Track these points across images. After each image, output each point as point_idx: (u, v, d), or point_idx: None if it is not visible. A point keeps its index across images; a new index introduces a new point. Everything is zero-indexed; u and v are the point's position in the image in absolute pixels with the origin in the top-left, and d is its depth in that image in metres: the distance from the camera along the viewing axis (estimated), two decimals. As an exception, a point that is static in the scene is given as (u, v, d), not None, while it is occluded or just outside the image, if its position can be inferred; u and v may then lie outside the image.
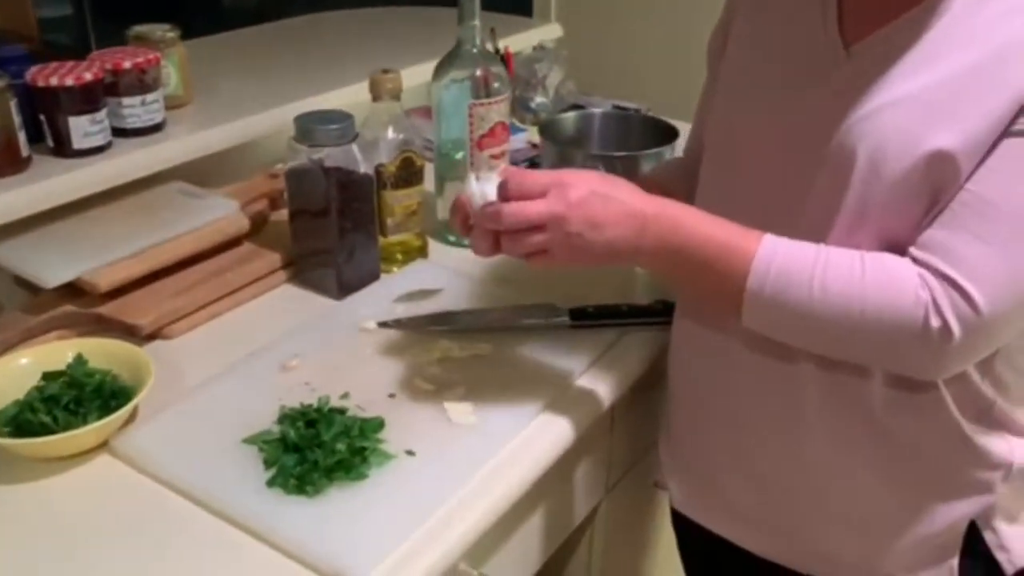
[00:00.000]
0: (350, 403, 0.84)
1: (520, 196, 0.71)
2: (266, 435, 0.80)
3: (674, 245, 0.72)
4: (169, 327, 0.98)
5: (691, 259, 0.72)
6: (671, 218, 0.72)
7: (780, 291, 0.69)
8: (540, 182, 0.72)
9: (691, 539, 1.01)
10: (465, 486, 0.76)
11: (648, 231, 0.72)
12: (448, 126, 1.14)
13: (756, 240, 0.71)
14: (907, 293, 0.67)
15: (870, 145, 0.69)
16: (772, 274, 0.69)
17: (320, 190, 1.00)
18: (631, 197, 0.73)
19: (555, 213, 0.70)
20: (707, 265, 0.72)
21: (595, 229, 0.71)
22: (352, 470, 0.75)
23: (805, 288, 0.69)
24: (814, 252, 0.70)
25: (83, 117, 1.04)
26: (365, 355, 0.92)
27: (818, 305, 0.69)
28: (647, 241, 0.72)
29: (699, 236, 0.72)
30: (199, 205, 1.10)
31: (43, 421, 0.79)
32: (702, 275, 0.73)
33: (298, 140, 1.01)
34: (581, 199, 0.70)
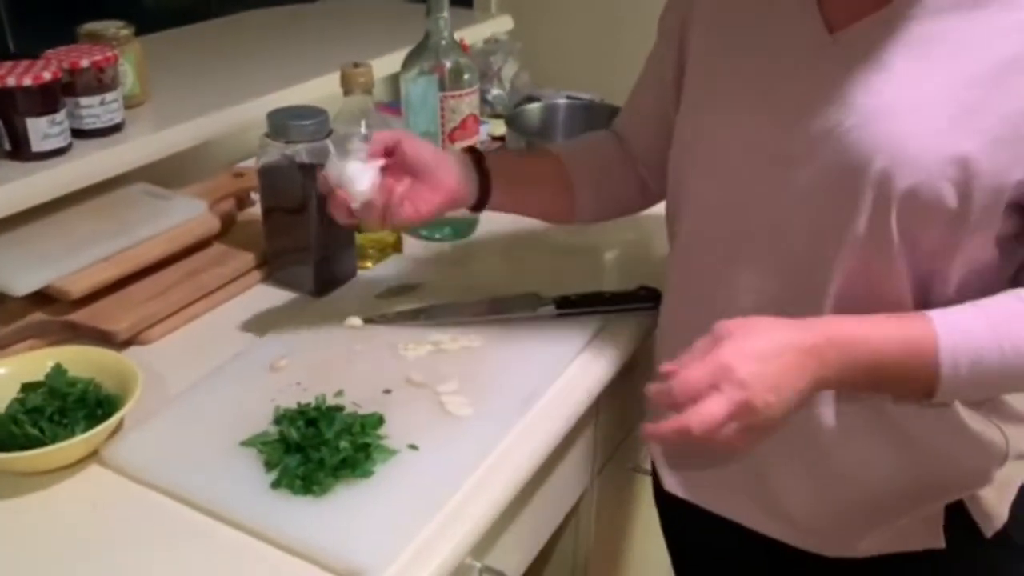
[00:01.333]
0: (345, 400, 0.83)
1: (690, 397, 0.66)
2: (264, 436, 0.78)
3: (858, 364, 0.69)
4: (146, 332, 0.95)
5: (876, 370, 0.69)
6: (841, 338, 0.69)
7: (975, 366, 0.68)
8: (704, 376, 0.66)
9: (678, 520, 1.02)
10: (471, 478, 0.77)
11: (827, 362, 0.68)
12: (416, 120, 1.14)
13: (927, 325, 0.69)
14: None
15: (885, 152, 0.69)
16: (961, 356, 0.68)
17: (295, 187, 0.99)
18: (792, 336, 0.69)
19: (738, 405, 0.65)
20: (894, 369, 0.69)
21: (779, 391, 0.66)
22: (358, 467, 0.74)
23: (997, 354, 0.68)
24: (983, 314, 0.69)
25: (42, 119, 1.00)
26: (354, 352, 0.91)
27: (1013, 361, 0.69)
28: (830, 371, 0.68)
29: (875, 344, 0.69)
30: (166, 206, 1.07)
31: (30, 433, 0.76)
32: (890, 380, 0.71)
33: (271, 136, 0.99)
34: (754, 374, 0.65)
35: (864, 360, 0.69)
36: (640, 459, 1.22)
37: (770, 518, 0.87)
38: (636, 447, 1.20)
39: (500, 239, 1.20)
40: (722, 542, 0.94)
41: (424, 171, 0.86)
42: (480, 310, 0.97)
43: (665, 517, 1.05)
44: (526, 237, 1.20)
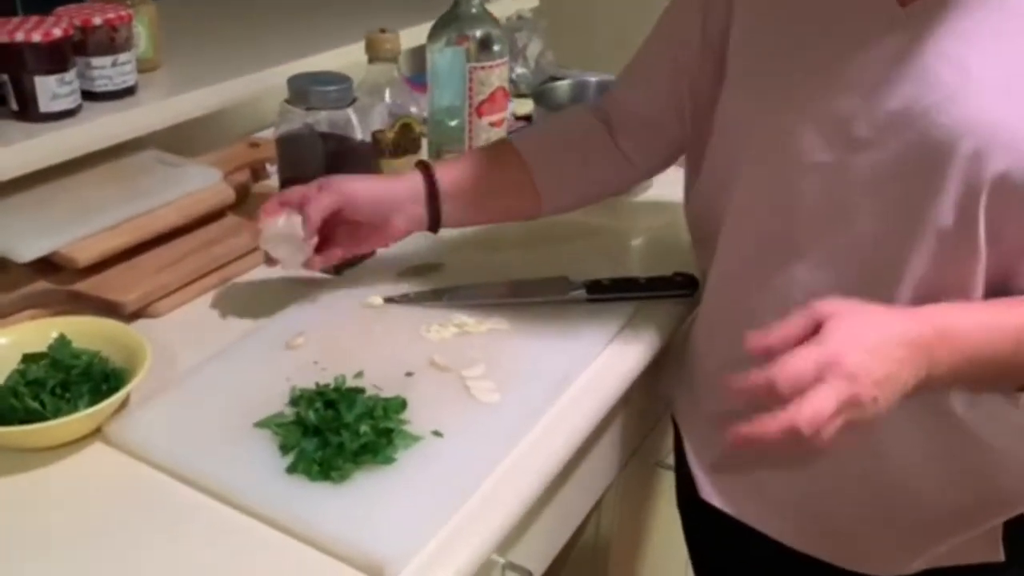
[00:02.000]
0: (365, 382, 0.78)
1: (797, 389, 0.59)
2: (279, 418, 0.74)
3: (969, 359, 0.64)
4: (155, 304, 0.90)
5: (987, 364, 0.65)
6: (951, 332, 0.64)
7: None
8: (810, 367, 0.60)
9: (704, 527, 0.97)
10: (498, 468, 0.72)
11: (937, 360, 0.63)
12: (442, 93, 1.09)
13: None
14: None
15: (975, 132, 0.64)
16: None
17: (315, 157, 0.94)
18: (903, 328, 0.63)
19: (846, 401, 0.59)
20: (1006, 359, 0.65)
21: (885, 387, 0.61)
22: (379, 453, 0.70)
23: None
24: None
25: (51, 77, 0.95)
26: (374, 332, 0.87)
27: None
28: (938, 369, 0.63)
29: (986, 336, 0.64)
30: (179, 174, 1.02)
31: (30, 407, 0.71)
32: (1001, 373, 0.66)
33: (292, 102, 0.94)
34: (863, 367, 0.60)
35: (975, 354, 0.64)
36: (663, 455, 1.17)
37: (815, 535, 0.81)
38: (661, 441, 1.15)
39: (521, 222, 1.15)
40: (752, 555, 0.88)
41: (367, 225, 0.88)
42: (507, 292, 0.92)
43: (689, 521, 1.00)
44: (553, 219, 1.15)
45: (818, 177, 0.71)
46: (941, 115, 0.65)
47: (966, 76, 0.65)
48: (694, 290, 0.93)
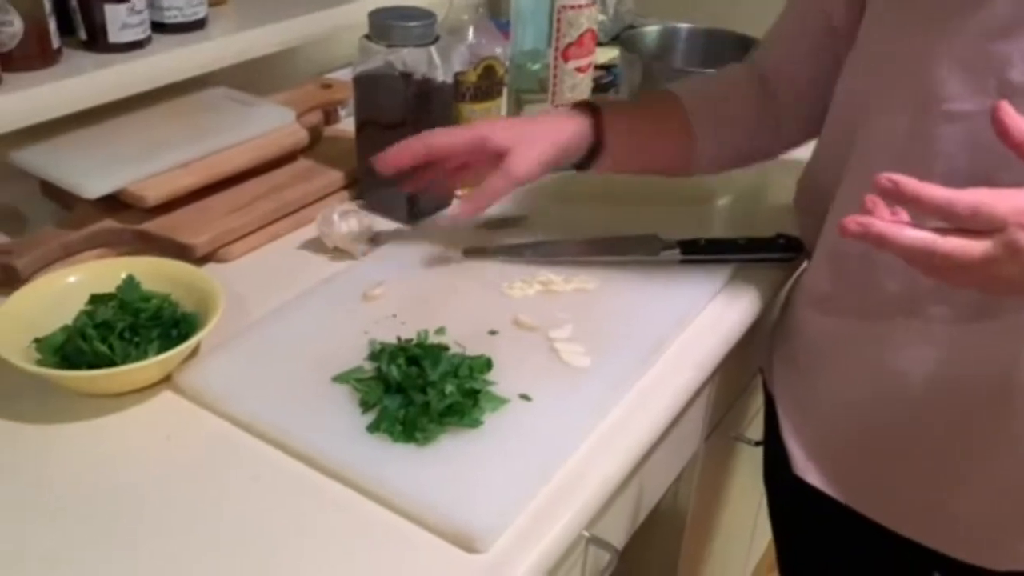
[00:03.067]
0: (448, 339, 0.73)
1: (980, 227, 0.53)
2: (359, 372, 0.69)
3: None
4: (225, 248, 0.86)
5: None
6: None
7: None
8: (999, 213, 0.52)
9: (789, 501, 0.91)
10: (589, 438, 0.67)
11: None
12: (525, 33, 1.02)
13: None
14: None
15: None
16: None
17: (397, 98, 0.88)
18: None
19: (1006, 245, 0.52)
20: None
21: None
22: (466, 415, 0.65)
23: None
24: None
25: (121, 6, 0.90)
26: (455, 286, 0.81)
27: None
28: None
29: None
30: (251, 113, 0.97)
31: (99, 350, 0.68)
32: None
33: (372, 39, 0.88)
34: None
35: None
36: (743, 428, 1.11)
37: (927, 522, 0.75)
38: (742, 414, 1.09)
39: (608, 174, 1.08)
40: (845, 541, 0.82)
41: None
42: (595, 250, 0.86)
43: (777, 499, 0.95)
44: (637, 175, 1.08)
45: (962, 128, 0.64)
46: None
47: None
48: (798, 253, 0.86)
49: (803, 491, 0.82)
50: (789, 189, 0.89)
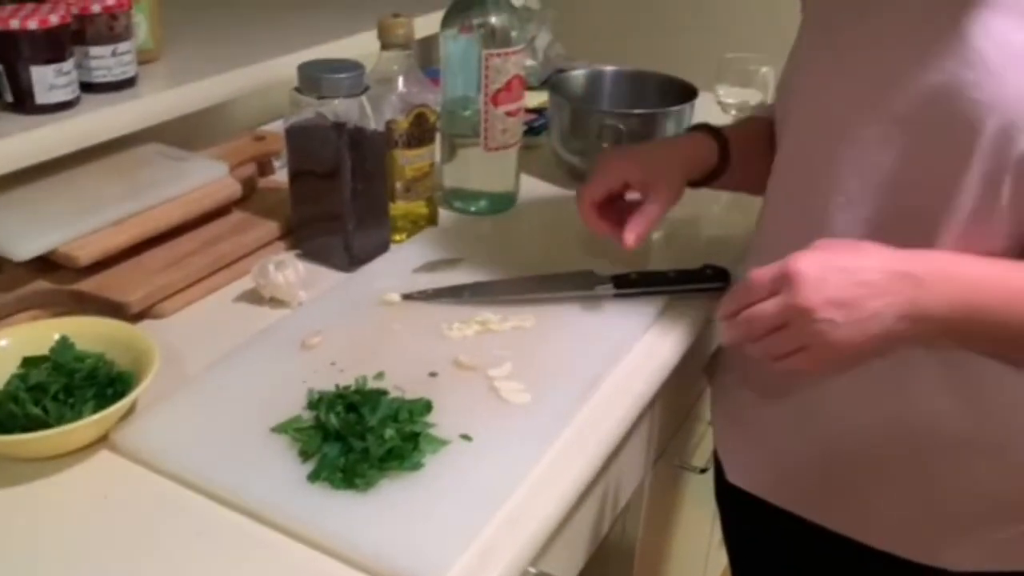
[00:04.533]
0: (387, 384, 0.74)
1: (749, 300, 0.63)
2: (297, 422, 0.69)
3: (971, 305, 0.60)
4: (160, 304, 0.86)
5: (994, 313, 0.61)
6: (952, 271, 0.61)
7: None
8: (765, 278, 0.62)
9: (740, 519, 0.94)
10: (532, 472, 0.67)
11: (928, 293, 0.60)
12: (455, 81, 1.05)
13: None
14: None
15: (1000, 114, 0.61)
16: None
17: (329, 148, 0.89)
18: (886, 257, 0.62)
19: (790, 306, 0.60)
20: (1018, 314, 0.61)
21: (848, 309, 0.60)
22: (406, 459, 0.65)
23: None
24: None
25: (48, 67, 0.90)
26: (394, 330, 0.82)
27: None
28: (932, 304, 0.60)
29: (991, 280, 0.61)
30: (183, 168, 0.97)
31: (32, 413, 0.67)
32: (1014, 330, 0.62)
33: (302, 91, 0.90)
34: (817, 279, 0.60)
35: (974, 303, 0.60)
36: (687, 456, 1.13)
37: (836, 507, 0.79)
38: (687, 442, 1.11)
39: (541, 214, 1.11)
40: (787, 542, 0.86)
41: None
42: (531, 288, 0.88)
43: (725, 515, 0.98)
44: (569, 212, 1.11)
45: (858, 150, 0.69)
46: (975, 92, 0.62)
47: (1007, 53, 0.62)
48: (726, 283, 0.89)
49: (741, 504, 0.85)
50: (719, 219, 0.92)
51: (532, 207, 1.11)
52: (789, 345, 0.62)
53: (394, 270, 0.93)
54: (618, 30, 2.02)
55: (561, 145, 1.16)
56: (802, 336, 0.61)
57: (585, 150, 1.13)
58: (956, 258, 0.63)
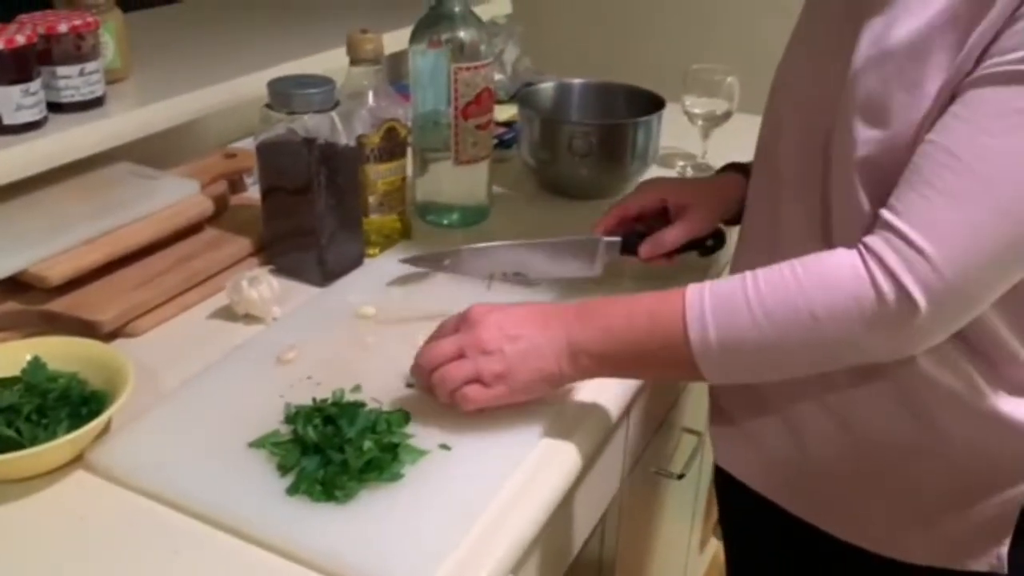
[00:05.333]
0: (364, 396, 0.74)
1: (434, 341, 0.73)
2: (275, 437, 0.69)
3: (602, 327, 0.69)
4: (133, 323, 0.86)
5: (625, 336, 0.68)
6: (590, 308, 0.70)
7: (723, 329, 0.65)
8: (448, 323, 0.73)
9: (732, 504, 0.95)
10: (511, 480, 0.68)
11: (571, 323, 0.70)
12: (425, 96, 1.05)
13: (679, 292, 0.67)
14: (844, 269, 0.62)
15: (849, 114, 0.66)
16: (708, 315, 0.65)
17: (301, 164, 0.90)
18: (536, 304, 0.74)
19: (465, 338, 0.70)
20: (644, 335, 0.68)
21: (513, 340, 0.69)
22: (385, 470, 0.65)
23: (746, 315, 0.64)
24: (740, 277, 0.66)
25: (15, 88, 0.90)
26: (369, 343, 0.82)
27: (767, 328, 0.63)
28: (576, 332, 0.69)
29: (620, 308, 0.69)
30: (154, 186, 0.97)
31: (5, 435, 0.66)
32: (643, 350, 0.68)
33: (273, 107, 0.90)
34: (485, 315, 0.70)
35: (605, 325, 0.68)
36: (664, 462, 1.14)
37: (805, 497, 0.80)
38: (663, 448, 1.12)
39: (514, 225, 1.12)
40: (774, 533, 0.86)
41: None
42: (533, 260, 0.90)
43: (721, 501, 0.98)
44: (541, 222, 1.12)
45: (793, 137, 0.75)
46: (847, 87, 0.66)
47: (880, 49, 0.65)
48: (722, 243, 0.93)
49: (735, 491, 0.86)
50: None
51: (504, 219, 1.12)
52: (461, 375, 0.69)
53: (368, 284, 0.93)
54: (584, 43, 2.05)
55: (531, 157, 1.17)
56: (475, 365, 0.69)
57: (555, 161, 1.14)
58: (597, 301, 0.72)
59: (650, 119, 1.13)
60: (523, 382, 0.69)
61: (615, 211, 0.92)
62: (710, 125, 1.24)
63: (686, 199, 0.90)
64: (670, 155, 1.30)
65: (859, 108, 0.65)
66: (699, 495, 1.39)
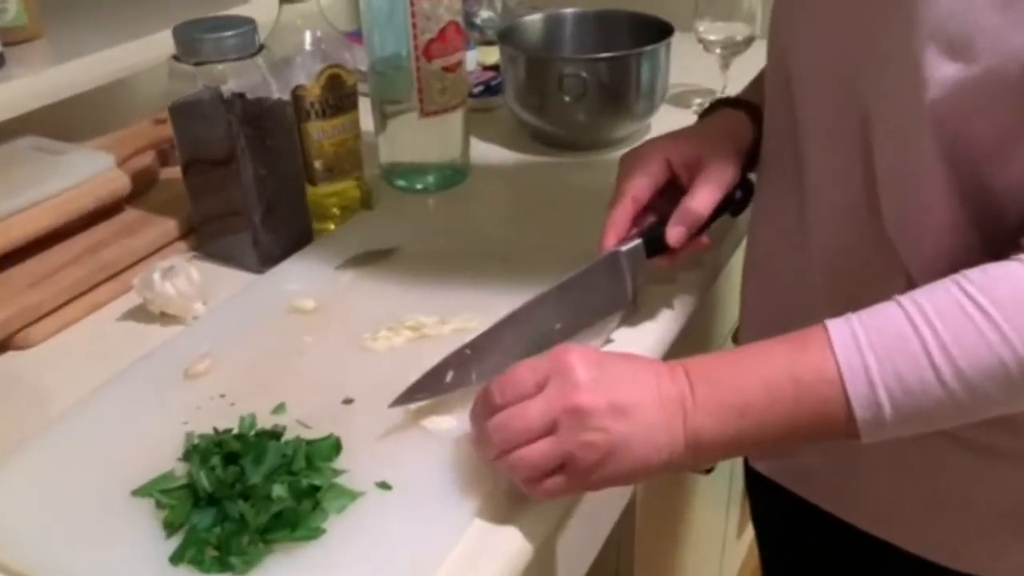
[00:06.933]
0: (287, 418, 0.58)
1: (512, 399, 0.49)
2: (165, 481, 0.54)
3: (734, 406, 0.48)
4: (26, 330, 0.71)
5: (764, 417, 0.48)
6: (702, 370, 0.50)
7: (904, 408, 0.46)
8: (532, 369, 0.50)
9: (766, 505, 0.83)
10: (468, 532, 0.52)
11: (685, 400, 0.49)
12: (382, 38, 0.88)
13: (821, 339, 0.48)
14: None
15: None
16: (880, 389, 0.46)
17: (219, 127, 0.73)
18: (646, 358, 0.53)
19: (558, 404, 0.48)
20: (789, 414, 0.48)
21: (621, 414, 0.48)
22: (300, 525, 0.50)
23: (932, 384, 0.45)
24: (899, 313, 0.47)
25: None
26: (303, 346, 0.66)
27: (962, 395, 0.45)
28: (700, 419, 0.48)
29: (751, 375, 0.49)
30: (59, 163, 0.82)
31: None
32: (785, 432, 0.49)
33: (181, 58, 0.73)
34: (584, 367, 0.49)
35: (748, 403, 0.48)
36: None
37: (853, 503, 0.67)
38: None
39: (500, 185, 0.95)
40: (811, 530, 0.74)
41: None
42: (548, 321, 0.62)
43: (754, 500, 0.86)
44: (532, 180, 0.95)
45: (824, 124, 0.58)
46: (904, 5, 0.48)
47: None
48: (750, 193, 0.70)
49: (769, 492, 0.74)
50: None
51: (488, 178, 0.95)
52: (548, 463, 0.48)
53: (312, 268, 0.77)
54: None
55: (517, 103, 0.99)
56: (567, 449, 0.48)
57: (545, 106, 0.96)
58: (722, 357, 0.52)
59: (656, 48, 0.94)
60: (618, 474, 0.49)
61: (619, 208, 0.67)
62: (729, 53, 1.05)
63: (694, 150, 0.68)
64: (683, 92, 1.12)
65: (927, 35, 0.47)
66: (734, 481, 1.22)
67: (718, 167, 0.66)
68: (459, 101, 0.90)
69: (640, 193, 0.67)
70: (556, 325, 0.62)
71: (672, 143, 0.68)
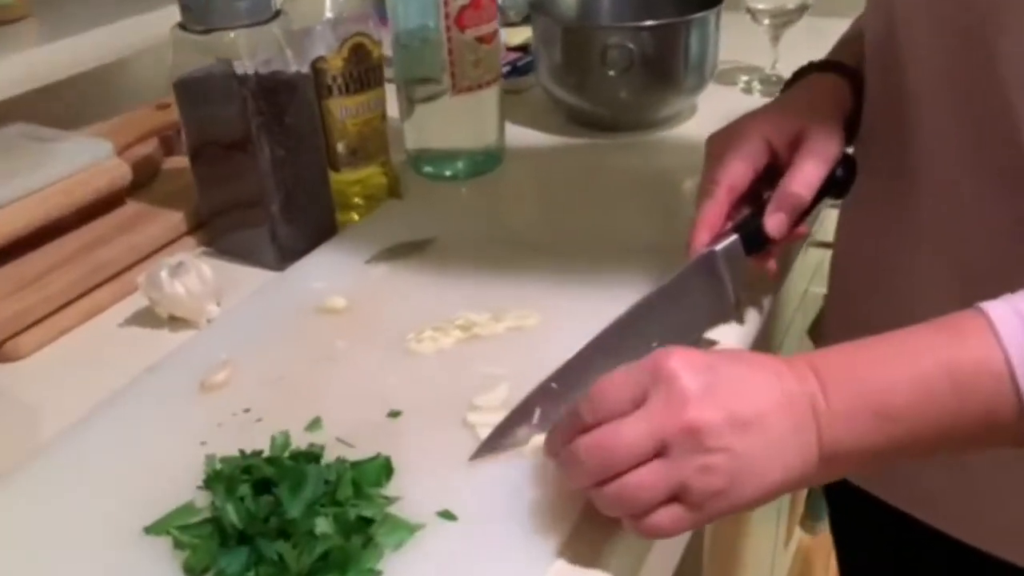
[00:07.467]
0: (324, 436, 0.49)
1: (606, 416, 0.40)
2: (184, 515, 0.45)
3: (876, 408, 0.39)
4: (15, 340, 0.62)
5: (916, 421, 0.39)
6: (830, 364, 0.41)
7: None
8: (627, 378, 0.41)
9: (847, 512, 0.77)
10: (552, 568, 0.43)
11: (815, 401, 0.39)
12: (407, 8, 0.79)
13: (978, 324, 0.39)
14: None
15: None
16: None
17: (232, 105, 0.65)
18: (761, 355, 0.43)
19: (667, 421, 0.39)
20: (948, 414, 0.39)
21: (744, 429, 0.39)
22: (351, 567, 0.41)
23: None
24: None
25: None
26: (336, 351, 0.57)
27: None
28: (836, 426, 0.39)
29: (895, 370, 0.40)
30: (53, 151, 0.73)
31: None
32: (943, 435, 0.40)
33: (187, 26, 0.65)
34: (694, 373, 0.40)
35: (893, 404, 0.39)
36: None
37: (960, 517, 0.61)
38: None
39: (537, 171, 0.86)
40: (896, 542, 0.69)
41: None
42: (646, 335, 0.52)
43: (833, 507, 0.79)
44: (568, 166, 0.86)
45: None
46: None
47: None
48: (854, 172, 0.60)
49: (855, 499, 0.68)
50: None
51: (522, 163, 0.86)
52: (658, 495, 0.39)
53: (339, 263, 0.68)
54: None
55: (553, 81, 0.90)
56: (681, 478, 0.39)
57: (584, 83, 0.87)
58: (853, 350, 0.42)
59: (706, 16, 0.86)
60: (742, 501, 0.40)
61: (712, 200, 0.57)
62: (780, 23, 0.96)
63: (795, 124, 0.58)
64: (729, 69, 1.03)
65: None
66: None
67: (821, 140, 0.56)
68: (493, 77, 0.81)
69: (737, 181, 0.57)
70: (653, 344, 0.51)
71: (768, 118, 0.59)
